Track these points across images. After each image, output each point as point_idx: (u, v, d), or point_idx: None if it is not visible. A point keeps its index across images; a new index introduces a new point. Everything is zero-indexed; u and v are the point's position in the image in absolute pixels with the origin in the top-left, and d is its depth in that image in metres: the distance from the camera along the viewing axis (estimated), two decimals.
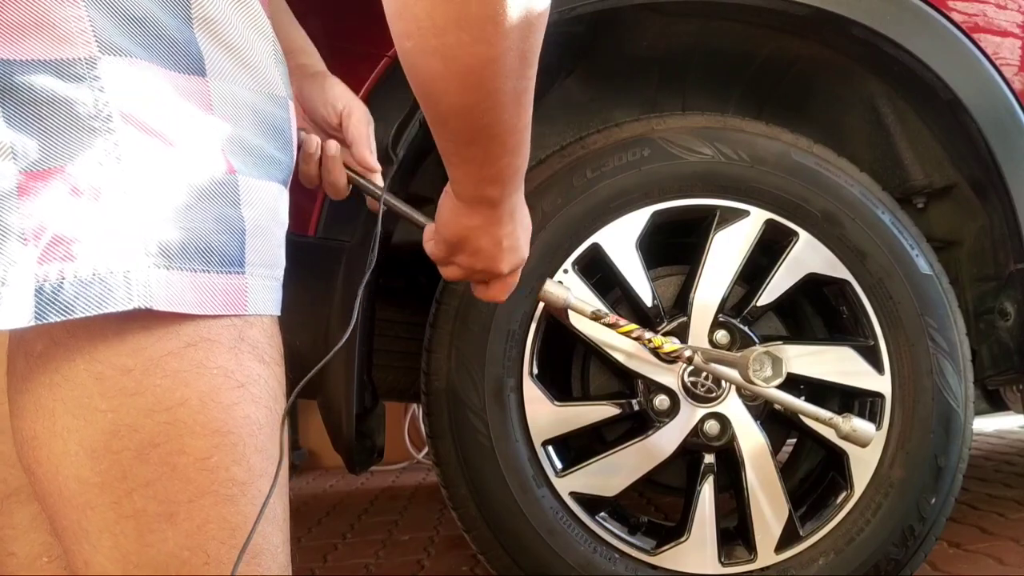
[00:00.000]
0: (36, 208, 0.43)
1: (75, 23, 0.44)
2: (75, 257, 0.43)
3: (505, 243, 0.75)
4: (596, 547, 1.20)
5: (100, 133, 0.44)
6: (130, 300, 0.44)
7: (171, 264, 0.46)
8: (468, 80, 0.55)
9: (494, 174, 0.66)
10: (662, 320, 1.25)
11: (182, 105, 0.48)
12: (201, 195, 0.48)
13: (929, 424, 1.23)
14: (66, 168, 0.43)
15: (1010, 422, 3.45)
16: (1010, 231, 1.29)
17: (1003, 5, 1.30)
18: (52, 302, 0.43)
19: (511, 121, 0.61)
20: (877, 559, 1.22)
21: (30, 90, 0.43)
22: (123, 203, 0.44)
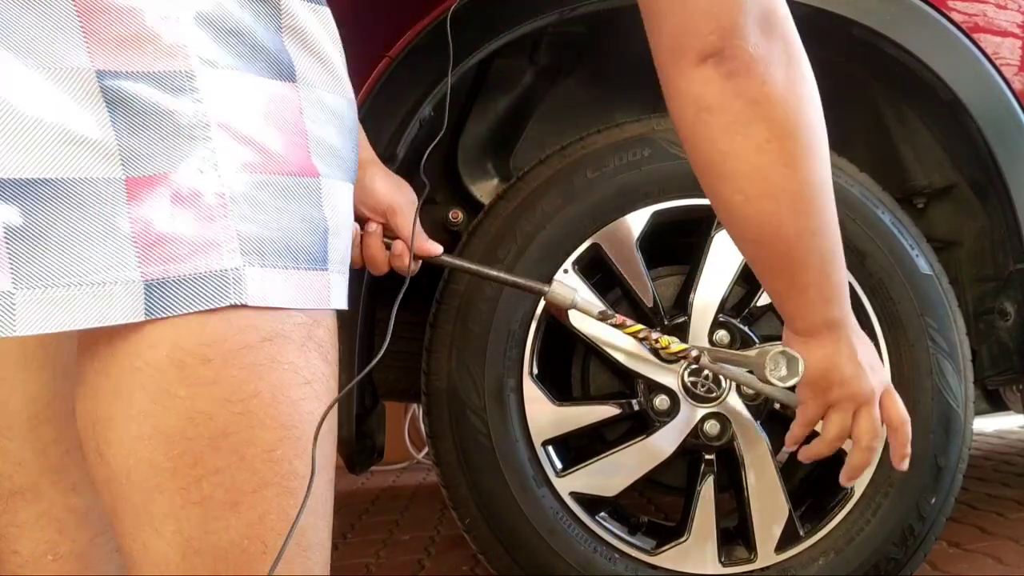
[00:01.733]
0: (143, 212, 0.45)
1: (176, 37, 0.46)
2: (179, 258, 0.46)
3: (862, 360, 0.75)
4: (596, 547, 1.20)
5: (199, 141, 0.47)
6: (227, 297, 0.47)
7: (264, 262, 0.49)
8: (797, 206, 0.63)
9: (829, 292, 0.69)
10: (662, 320, 1.25)
11: (274, 112, 0.50)
12: (290, 198, 0.50)
13: (929, 424, 1.23)
14: (169, 175, 0.46)
15: (1010, 422, 3.45)
16: (1010, 231, 1.29)
17: (1003, 5, 1.30)
18: (159, 299, 0.46)
19: (835, 235, 0.67)
20: (877, 559, 1.22)
21: (137, 100, 0.45)
22: (220, 207, 0.47)
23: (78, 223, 0.44)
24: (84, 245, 0.45)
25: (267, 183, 0.49)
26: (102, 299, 0.45)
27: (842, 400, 0.78)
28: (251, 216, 0.48)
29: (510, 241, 1.20)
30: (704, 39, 0.59)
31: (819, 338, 0.74)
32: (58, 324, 0.44)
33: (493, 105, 1.41)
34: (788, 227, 0.65)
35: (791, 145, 0.61)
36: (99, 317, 0.45)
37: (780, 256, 0.67)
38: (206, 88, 0.47)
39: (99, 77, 0.45)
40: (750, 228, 0.67)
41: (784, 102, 0.61)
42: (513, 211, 1.22)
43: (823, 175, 0.64)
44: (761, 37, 0.59)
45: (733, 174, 0.64)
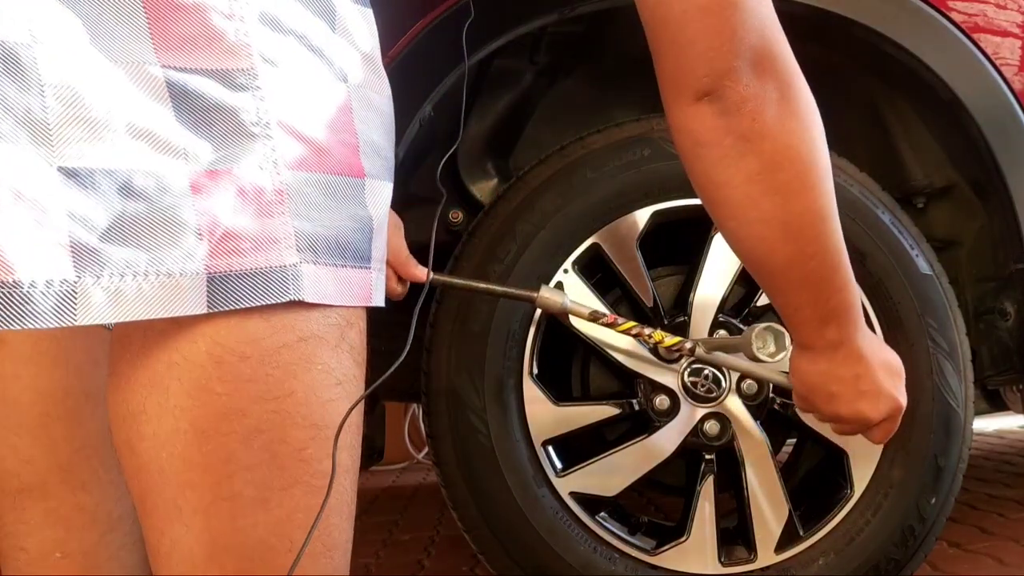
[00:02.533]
0: (208, 206, 0.46)
1: (240, 36, 0.47)
2: (242, 252, 0.47)
3: (862, 386, 0.75)
4: (596, 547, 1.20)
5: (260, 139, 0.48)
6: (286, 292, 0.48)
7: (317, 259, 0.49)
8: (789, 233, 0.66)
9: (825, 314, 0.71)
10: (662, 320, 1.25)
11: (327, 111, 0.52)
12: (339, 196, 0.52)
13: (929, 424, 1.23)
14: (232, 170, 0.47)
15: (1010, 422, 3.45)
16: (1010, 231, 1.29)
17: (1003, 5, 1.30)
18: (221, 293, 0.46)
19: (833, 260, 0.69)
20: (877, 559, 1.22)
21: (201, 97, 0.46)
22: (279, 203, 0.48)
23: (144, 215, 0.45)
24: (150, 237, 0.45)
25: (320, 181, 0.50)
26: (168, 290, 0.45)
27: (829, 418, 0.80)
28: (305, 213, 0.49)
29: (510, 241, 1.20)
30: (699, 80, 0.62)
31: (816, 354, 0.75)
32: (122, 315, 0.44)
33: (493, 105, 1.41)
34: (780, 252, 0.68)
35: (782, 176, 0.65)
36: (164, 308, 0.45)
37: (774, 277, 0.71)
38: (268, 86, 0.48)
39: (165, 73, 0.45)
40: (745, 250, 0.71)
41: (774, 137, 0.64)
42: (513, 211, 1.22)
43: (820, 204, 0.67)
44: (753, 78, 0.62)
45: (726, 201, 0.68)
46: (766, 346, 0.81)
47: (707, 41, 0.61)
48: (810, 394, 0.78)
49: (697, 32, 0.61)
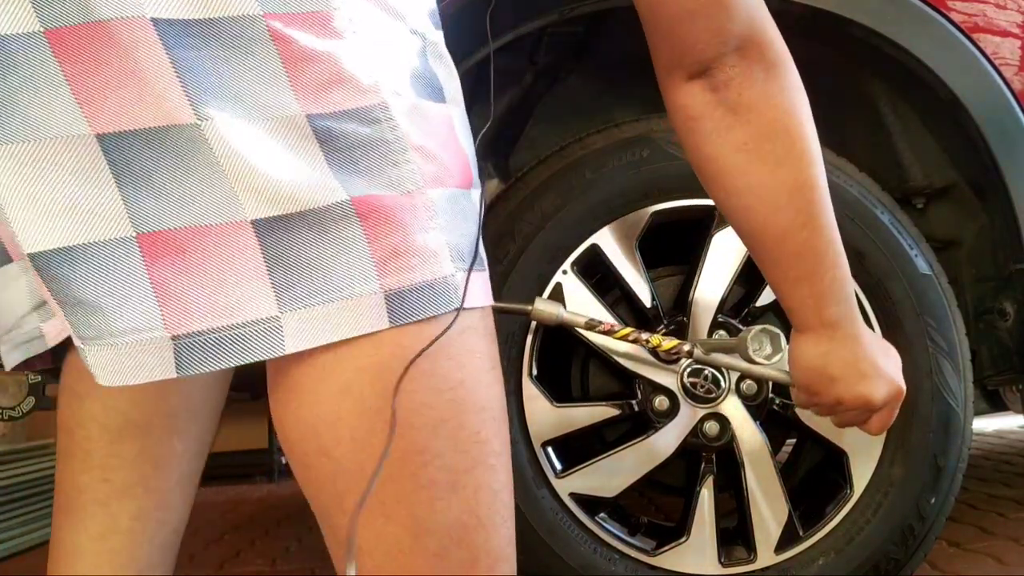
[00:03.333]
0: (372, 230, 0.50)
1: (370, 75, 0.52)
2: (412, 268, 0.51)
3: (862, 367, 0.76)
4: (596, 548, 1.20)
5: (402, 164, 0.52)
6: (452, 301, 0.53)
7: (464, 267, 0.54)
8: (780, 202, 0.70)
9: (822, 290, 0.73)
10: (661, 320, 1.25)
11: (440, 130, 0.56)
12: (466, 207, 0.56)
13: (929, 424, 1.23)
14: (385, 196, 0.51)
15: (1010, 422, 3.45)
16: (1009, 231, 1.29)
17: (1003, 5, 1.30)
18: (398, 307, 0.51)
19: (825, 232, 0.72)
20: (877, 559, 1.22)
21: (345, 136, 0.51)
22: (429, 219, 0.53)
23: (322, 247, 0.50)
24: (330, 265, 0.50)
25: (452, 196, 0.55)
26: (353, 311, 0.50)
27: (831, 404, 0.79)
28: (448, 226, 0.54)
29: (509, 242, 1.20)
30: (691, 63, 0.68)
31: (815, 336, 0.76)
32: (320, 339, 0.50)
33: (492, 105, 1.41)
34: (773, 221, 0.71)
35: (769, 147, 0.68)
36: (353, 328, 0.50)
37: (770, 248, 0.73)
38: (399, 116, 0.53)
39: (309, 120, 0.50)
40: (740, 222, 0.74)
41: (760, 110, 0.68)
42: (512, 212, 1.22)
43: (809, 175, 0.70)
44: (740, 60, 0.67)
45: (719, 173, 0.71)
46: (762, 348, 0.81)
47: (698, 36, 0.66)
48: (811, 380, 0.78)
49: (689, 30, 0.66)
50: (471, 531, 0.54)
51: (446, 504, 0.53)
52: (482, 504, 0.55)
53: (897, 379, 0.79)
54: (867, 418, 0.80)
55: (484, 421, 0.55)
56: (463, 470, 0.53)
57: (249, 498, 3.33)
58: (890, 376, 0.78)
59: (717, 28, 0.66)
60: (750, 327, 0.82)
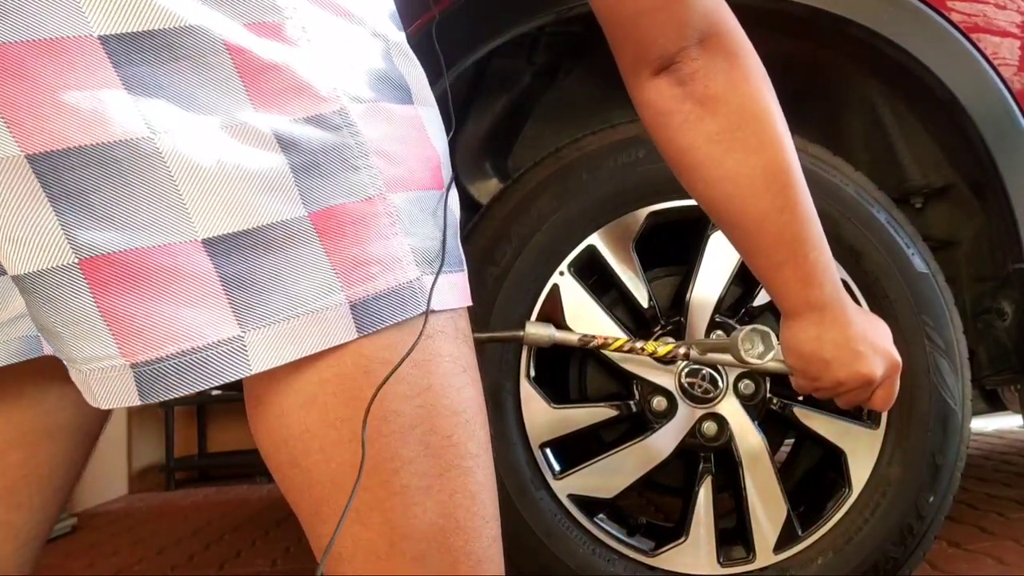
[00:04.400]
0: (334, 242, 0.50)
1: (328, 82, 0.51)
2: (373, 277, 0.51)
3: (856, 346, 0.76)
4: (595, 549, 1.20)
5: (363, 170, 0.52)
6: (419, 306, 0.52)
7: (432, 271, 0.54)
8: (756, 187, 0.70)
9: (806, 272, 0.74)
10: (659, 321, 1.25)
11: (407, 133, 0.56)
12: (435, 209, 0.56)
13: (927, 423, 1.23)
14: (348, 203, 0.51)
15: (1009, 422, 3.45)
16: (1008, 231, 1.29)
17: (1002, 5, 1.30)
18: (364, 317, 0.51)
19: (803, 213, 0.72)
20: (876, 558, 1.22)
21: (305, 142, 0.50)
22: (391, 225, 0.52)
23: (281, 263, 0.49)
24: (291, 281, 0.49)
25: (417, 198, 0.54)
26: (319, 325, 0.49)
27: (831, 386, 0.80)
28: (413, 230, 0.53)
29: (505, 243, 1.20)
30: (655, 59, 0.69)
31: (804, 320, 0.76)
32: (288, 355, 0.49)
33: (491, 105, 1.41)
34: (751, 207, 0.71)
35: (741, 135, 0.69)
36: (321, 342, 0.50)
37: (751, 235, 0.74)
38: (359, 122, 0.52)
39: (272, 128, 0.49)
40: (718, 211, 0.74)
41: (727, 100, 0.69)
42: (508, 213, 1.22)
43: (782, 159, 0.71)
44: (701, 52, 0.68)
45: (693, 165, 0.72)
46: (754, 347, 0.82)
47: (660, 31, 0.67)
48: (806, 365, 0.79)
49: (650, 26, 0.67)
50: (449, 534, 0.54)
51: (421, 509, 0.53)
52: (459, 507, 0.55)
53: (892, 352, 0.80)
54: (870, 394, 0.81)
55: (456, 424, 0.55)
56: (436, 474, 0.53)
57: (249, 498, 3.34)
58: (885, 350, 0.79)
59: (677, 22, 0.66)
60: (741, 327, 0.83)
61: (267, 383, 0.52)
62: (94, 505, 3.54)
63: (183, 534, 2.61)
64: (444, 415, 0.54)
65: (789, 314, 0.77)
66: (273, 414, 0.53)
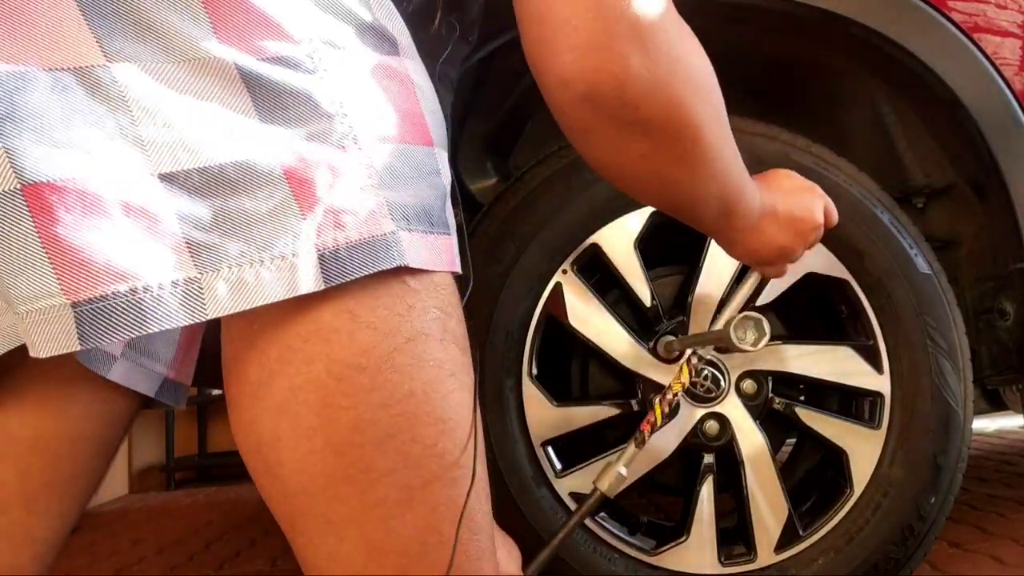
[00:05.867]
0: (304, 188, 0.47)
1: (299, 23, 0.48)
2: (344, 226, 0.48)
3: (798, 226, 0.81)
4: (596, 547, 1.20)
5: (336, 118, 0.49)
6: (392, 259, 0.49)
7: (410, 227, 0.51)
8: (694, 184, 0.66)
9: (740, 212, 0.73)
10: (661, 320, 1.25)
11: (391, 85, 0.52)
12: (418, 165, 0.53)
13: (928, 423, 1.23)
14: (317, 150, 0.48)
15: (1010, 422, 3.45)
16: (1009, 231, 1.29)
17: (1003, 5, 1.30)
18: (333, 268, 0.47)
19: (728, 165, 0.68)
20: (877, 558, 1.22)
21: (274, 83, 0.47)
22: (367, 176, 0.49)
23: (246, 205, 0.46)
24: (256, 225, 0.46)
25: (400, 152, 0.51)
26: (285, 272, 0.46)
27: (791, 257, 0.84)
28: (391, 184, 0.50)
29: (508, 242, 1.20)
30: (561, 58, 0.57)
31: (745, 235, 0.78)
32: (249, 301, 0.45)
33: (493, 104, 1.41)
34: (685, 203, 0.70)
35: (677, 149, 0.62)
36: (287, 290, 0.46)
37: (686, 216, 0.73)
38: (333, 68, 0.49)
39: (236, 64, 0.46)
40: (645, 201, 0.78)
41: (663, 117, 0.59)
42: (511, 212, 1.22)
43: (715, 144, 0.64)
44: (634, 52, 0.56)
45: (622, 176, 0.67)
46: (747, 336, 0.84)
47: (570, 19, 0.55)
48: (772, 263, 0.83)
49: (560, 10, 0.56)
50: (432, 548, 0.51)
51: (400, 522, 0.50)
52: (444, 519, 0.52)
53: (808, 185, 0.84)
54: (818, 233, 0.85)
55: (442, 432, 0.52)
56: (418, 486, 0.51)
57: (249, 498, 3.33)
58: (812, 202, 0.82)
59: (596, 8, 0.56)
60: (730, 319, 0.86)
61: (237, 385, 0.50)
62: (94, 505, 3.53)
63: (183, 534, 2.61)
64: (427, 423, 0.51)
65: (729, 242, 0.79)
66: (245, 419, 0.51)
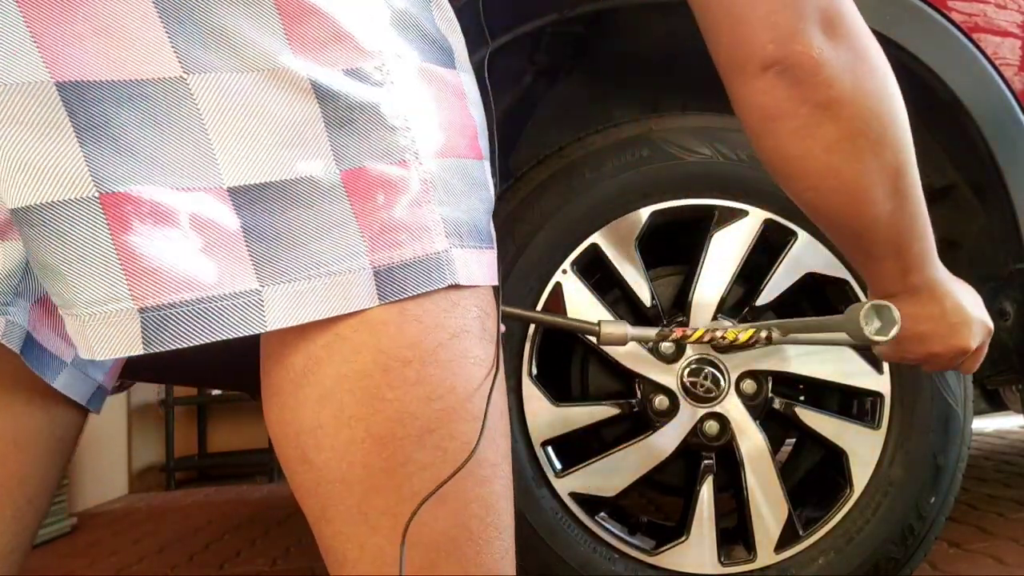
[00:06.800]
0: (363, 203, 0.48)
1: (371, 35, 0.48)
2: (400, 244, 0.48)
3: (952, 319, 0.74)
4: (596, 547, 1.20)
5: (400, 132, 0.49)
6: (444, 278, 0.49)
7: (462, 244, 0.51)
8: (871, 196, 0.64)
9: (908, 263, 0.70)
10: (661, 320, 1.25)
11: (447, 98, 0.53)
12: (470, 180, 0.53)
13: (928, 423, 1.23)
14: (380, 165, 0.48)
15: (1010, 422, 3.45)
16: (1009, 231, 1.29)
17: (1003, 5, 1.30)
18: (388, 284, 0.48)
19: (914, 210, 0.67)
20: (877, 558, 1.22)
21: (342, 96, 0.47)
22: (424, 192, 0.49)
23: (307, 220, 0.47)
24: (315, 239, 0.47)
25: (455, 167, 0.52)
26: (341, 288, 0.47)
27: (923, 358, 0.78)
28: (447, 200, 0.50)
29: (508, 242, 1.20)
30: (764, 48, 0.58)
31: (899, 301, 0.73)
32: (305, 315, 0.46)
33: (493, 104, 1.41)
34: (863, 215, 0.65)
35: (862, 142, 0.62)
36: (341, 305, 0.47)
37: (855, 238, 0.69)
38: (400, 81, 0.49)
39: (310, 77, 0.46)
40: (824, 216, 0.68)
41: (852, 102, 0.60)
42: (512, 212, 1.22)
43: (899, 161, 0.64)
44: (825, 40, 0.58)
45: (804, 173, 0.64)
46: (871, 324, 0.77)
47: (769, 4, 0.57)
48: (899, 342, 0.75)
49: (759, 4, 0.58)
50: (460, 545, 0.52)
51: (433, 516, 0.51)
52: (473, 517, 0.52)
53: (985, 319, 0.77)
54: (961, 362, 0.79)
55: (477, 431, 0.52)
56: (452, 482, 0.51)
57: (249, 498, 3.33)
58: (979, 319, 0.76)
59: None
60: (856, 305, 0.77)
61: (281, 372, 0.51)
62: (94, 505, 3.53)
63: (183, 534, 2.61)
64: (466, 420, 0.51)
65: (883, 296, 0.74)
66: (288, 406, 0.51)
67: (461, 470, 0.51)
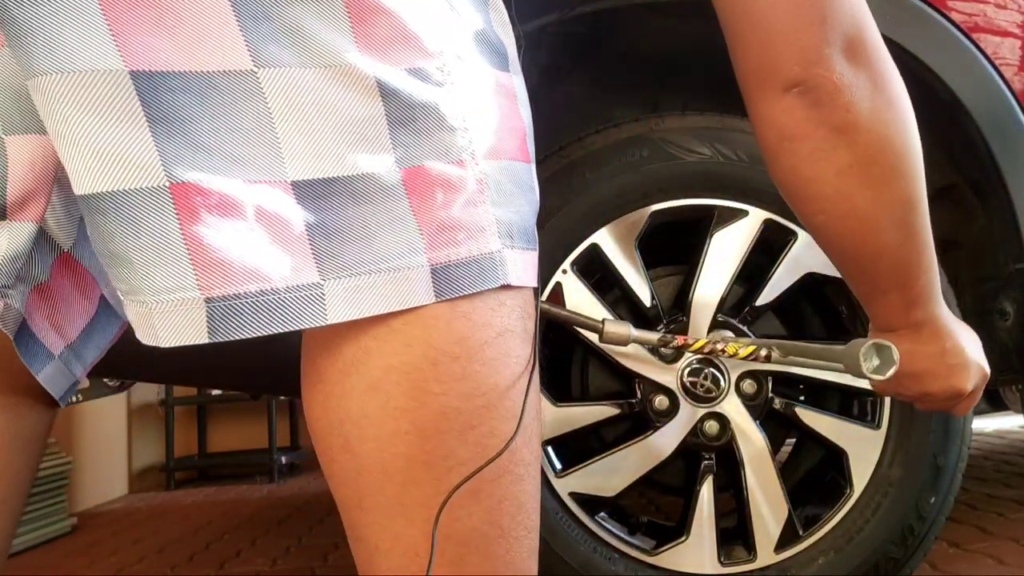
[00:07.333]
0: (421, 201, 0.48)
1: (435, 35, 0.49)
2: (458, 243, 0.49)
3: (950, 360, 0.74)
4: (596, 547, 1.20)
5: (459, 132, 0.49)
6: (497, 278, 0.50)
7: (514, 245, 0.52)
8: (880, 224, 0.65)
9: (912, 297, 0.70)
10: (661, 320, 1.25)
11: (501, 100, 0.54)
12: (520, 182, 0.54)
13: (928, 423, 1.23)
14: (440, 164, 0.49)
15: (1010, 422, 3.45)
16: (1009, 232, 1.29)
17: (1003, 5, 1.30)
18: (444, 282, 0.49)
19: (921, 243, 0.67)
20: (877, 558, 1.22)
21: (405, 94, 0.48)
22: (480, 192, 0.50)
23: (368, 216, 0.47)
24: (376, 236, 0.47)
25: (507, 169, 0.52)
26: (400, 284, 0.48)
27: (917, 397, 0.78)
28: (500, 201, 0.51)
29: None
30: (788, 69, 0.60)
31: (898, 337, 0.74)
32: (365, 310, 0.47)
33: None
34: (870, 244, 0.67)
35: (875, 170, 0.63)
36: (401, 301, 0.48)
37: (864, 268, 0.69)
38: (460, 81, 0.50)
39: (376, 76, 0.47)
40: (832, 243, 0.69)
41: (868, 129, 0.61)
42: None
43: (910, 192, 0.65)
44: (847, 65, 0.60)
45: (816, 197, 0.65)
46: (869, 361, 0.77)
47: (796, 27, 0.59)
48: (896, 377, 0.75)
49: (785, 18, 0.59)
50: (491, 541, 0.52)
51: (467, 512, 0.51)
52: (505, 515, 0.53)
53: (983, 364, 0.77)
54: (955, 404, 0.79)
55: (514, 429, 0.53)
56: (488, 479, 0.52)
57: (249, 498, 3.34)
58: (976, 362, 0.76)
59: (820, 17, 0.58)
60: (858, 340, 0.77)
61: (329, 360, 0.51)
62: (94, 505, 3.54)
63: (183, 533, 2.61)
64: (505, 418, 0.52)
65: (882, 329, 0.74)
66: (334, 394, 0.51)
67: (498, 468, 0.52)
